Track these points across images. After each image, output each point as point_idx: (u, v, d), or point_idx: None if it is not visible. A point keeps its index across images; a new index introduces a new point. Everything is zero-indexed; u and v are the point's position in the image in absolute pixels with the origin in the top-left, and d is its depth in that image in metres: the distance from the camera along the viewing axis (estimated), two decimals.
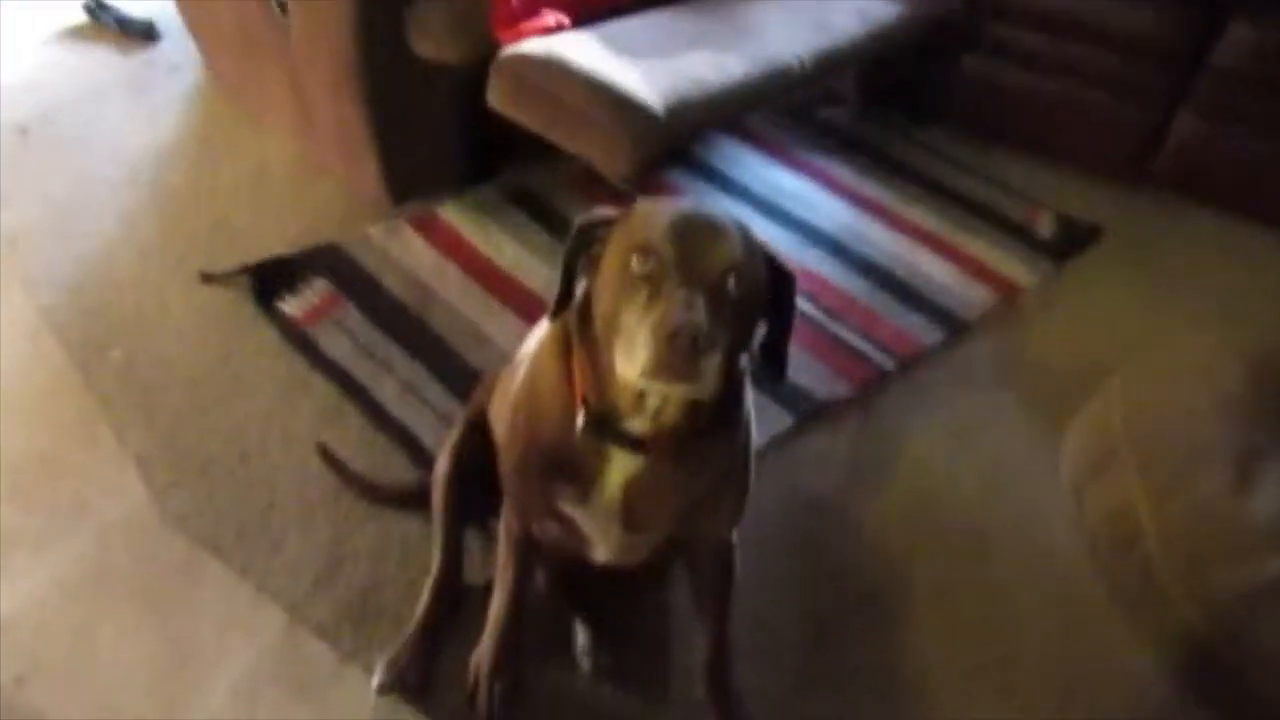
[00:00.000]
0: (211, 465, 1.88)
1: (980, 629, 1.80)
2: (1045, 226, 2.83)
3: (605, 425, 1.21)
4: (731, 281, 1.08)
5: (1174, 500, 1.83)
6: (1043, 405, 2.23)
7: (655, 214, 1.12)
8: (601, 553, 1.40)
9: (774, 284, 1.17)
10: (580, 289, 1.22)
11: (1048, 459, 2.12)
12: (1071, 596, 1.88)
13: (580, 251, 1.19)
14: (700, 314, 1.03)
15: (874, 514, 1.98)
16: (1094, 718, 1.69)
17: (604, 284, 1.14)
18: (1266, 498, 1.80)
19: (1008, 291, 2.57)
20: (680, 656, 1.65)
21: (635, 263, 1.08)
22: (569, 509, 1.32)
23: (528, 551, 1.50)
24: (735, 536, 1.49)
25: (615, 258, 1.12)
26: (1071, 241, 2.77)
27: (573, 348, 1.23)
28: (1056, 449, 2.14)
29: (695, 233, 1.09)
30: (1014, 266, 2.65)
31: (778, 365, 1.23)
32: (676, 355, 1.02)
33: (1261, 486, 1.82)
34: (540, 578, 1.69)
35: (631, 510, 1.29)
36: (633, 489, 1.27)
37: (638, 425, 1.20)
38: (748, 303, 1.11)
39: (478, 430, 1.64)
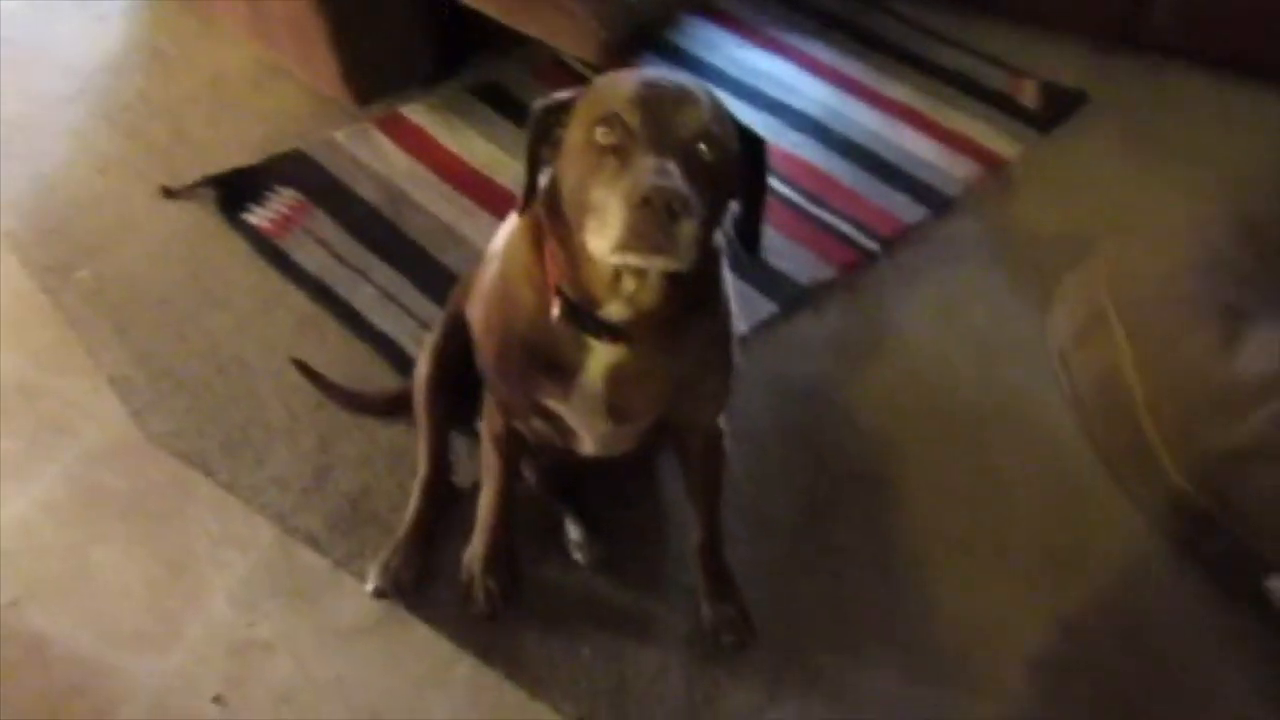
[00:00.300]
0: (189, 382, 1.85)
1: (972, 503, 1.81)
2: (1029, 95, 2.75)
3: (582, 314, 1.18)
4: (703, 146, 1.04)
5: (1161, 363, 1.83)
6: (1031, 278, 2.21)
7: (617, 84, 1.07)
8: (588, 445, 1.39)
9: (745, 154, 1.13)
10: (546, 177, 1.17)
11: (1037, 331, 2.10)
12: (1063, 465, 1.88)
13: (542, 138, 1.14)
14: (673, 178, 0.99)
15: (862, 396, 1.97)
16: (1087, 582, 1.71)
17: (569, 163, 1.09)
18: (1250, 357, 1.80)
19: (992, 164, 2.51)
20: (674, 544, 1.66)
21: (599, 134, 1.04)
22: (552, 403, 1.30)
23: (512, 448, 1.49)
24: (724, 422, 1.48)
25: (578, 134, 1.08)
26: (1057, 109, 2.70)
27: (544, 237, 1.19)
28: (1043, 318, 2.12)
29: (662, 98, 1.05)
30: (998, 138, 2.59)
31: (752, 240, 1.19)
32: (650, 223, 0.98)
33: (1246, 346, 1.82)
34: (529, 473, 1.68)
35: (615, 400, 1.27)
36: (615, 378, 1.25)
37: (615, 311, 1.17)
38: (720, 170, 1.07)
39: (457, 331, 1.61)
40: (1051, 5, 2.94)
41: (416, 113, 2.48)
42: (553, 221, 1.16)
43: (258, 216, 2.18)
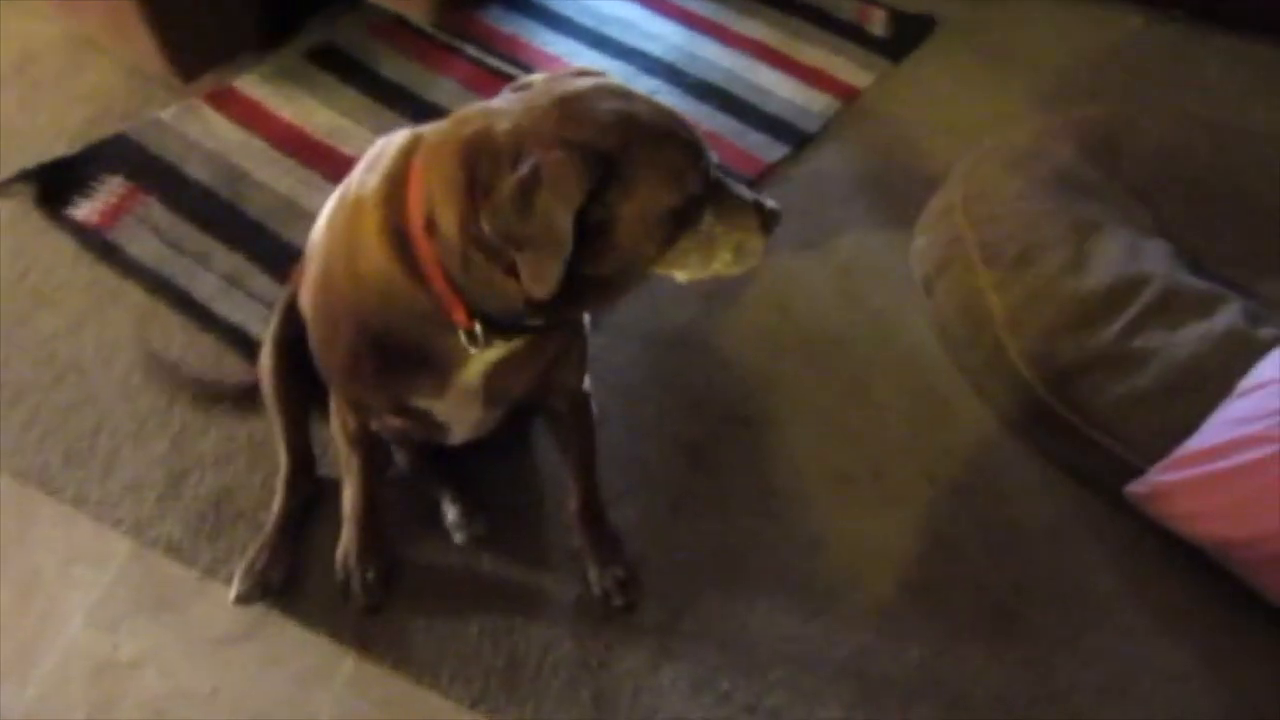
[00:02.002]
0: (24, 393, 1.72)
1: (848, 433, 1.83)
2: (878, 24, 2.76)
3: (501, 325, 1.10)
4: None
5: (1017, 285, 1.86)
6: (894, 207, 2.23)
7: (662, 150, 1.02)
8: (455, 434, 1.34)
9: None
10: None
11: (902, 259, 2.13)
12: (932, 389, 1.92)
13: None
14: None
15: (734, 338, 1.96)
16: (961, 500, 1.75)
17: (634, 238, 1.02)
18: (1099, 269, 1.85)
19: (848, 96, 2.51)
20: (554, 511, 1.63)
21: (669, 198, 1.02)
22: (420, 402, 1.24)
23: (368, 444, 1.43)
24: (588, 383, 1.44)
25: (641, 206, 1.01)
26: (906, 36, 2.72)
27: (410, 245, 1.06)
28: (907, 247, 2.15)
29: (678, 123, 1.06)
30: (852, 70, 2.59)
31: None
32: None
33: (1094, 259, 1.87)
34: (396, 456, 1.62)
35: (492, 389, 1.22)
36: (495, 369, 1.19)
37: (538, 319, 1.10)
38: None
39: (299, 315, 1.52)
40: None
41: (248, 84, 2.33)
42: (475, 258, 1.03)
43: (83, 209, 2.03)
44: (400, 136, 1.11)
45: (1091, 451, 1.72)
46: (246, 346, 1.81)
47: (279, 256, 1.96)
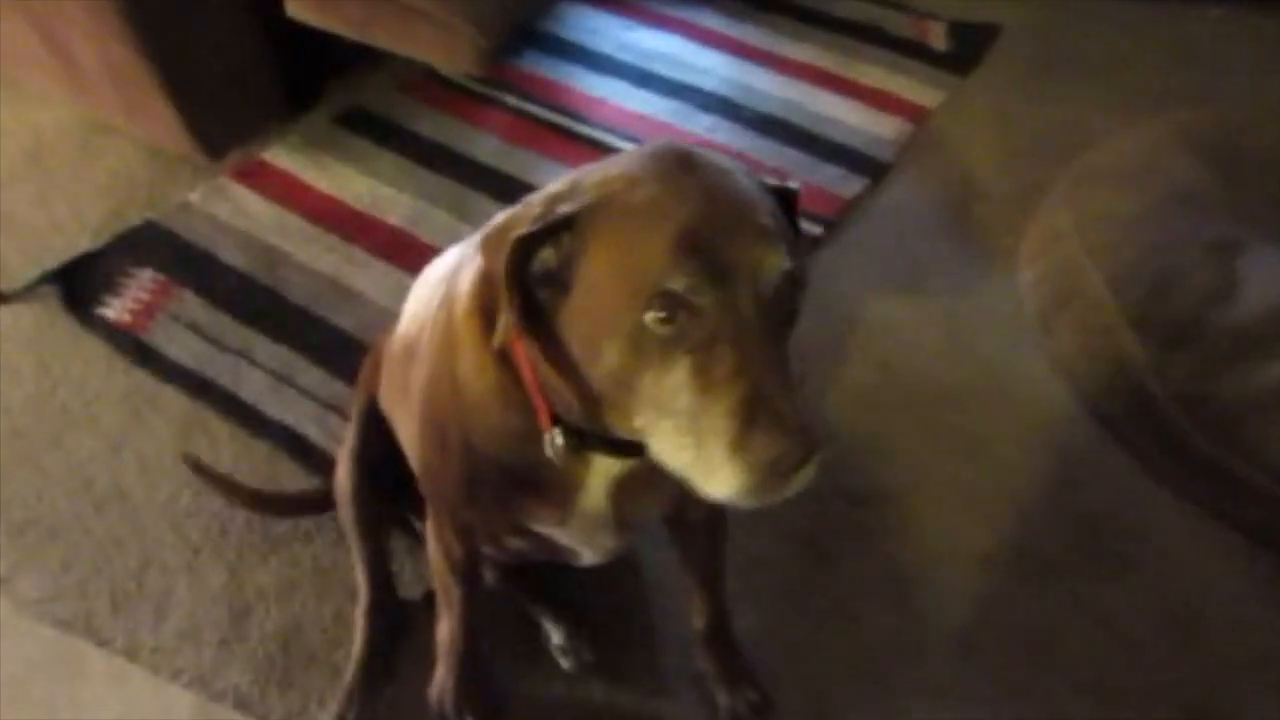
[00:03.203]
0: (61, 527, 1.54)
1: (979, 502, 1.62)
2: (938, 38, 2.58)
3: (590, 438, 0.93)
4: (786, 285, 0.79)
5: (1157, 319, 1.66)
6: (989, 237, 2.03)
7: (651, 221, 0.78)
8: (587, 558, 1.15)
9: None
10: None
11: (1005, 293, 1.93)
12: (1064, 440, 1.71)
13: (525, 267, 0.84)
14: (790, 398, 0.75)
15: (833, 401, 1.76)
16: (1125, 568, 1.54)
17: (596, 328, 0.81)
18: (1253, 294, 1.64)
19: (919, 118, 2.33)
20: (667, 628, 1.43)
21: (652, 321, 0.77)
22: (542, 529, 1.05)
23: (475, 573, 1.23)
24: None
25: (611, 299, 0.79)
26: (970, 48, 2.53)
27: (508, 349, 0.92)
28: (1012, 278, 1.95)
29: (724, 234, 0.77)
30: (918, 88, 2.41)
31: None
32: (781, 473, 0.76)
33: (1245, 282, 1.67)
34: (487, 573, 1.43)
35: (623, 511, 1.03)
36: (622, 488, 1.01)
37: (627, 429, 0.89)
38: (801, 281, 0.82)
39: (375, 420, 1.34)
40: None
41: (278, 155, 2.17)
42: (543, 345, 0.88)
43: (114, 309, 1.86)
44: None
45: (1269, 507, 1.51)
46: (301, 451, 1.64)
47: (328, 345, 1.79)
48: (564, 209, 0.82)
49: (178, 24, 1.87)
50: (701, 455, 0.78)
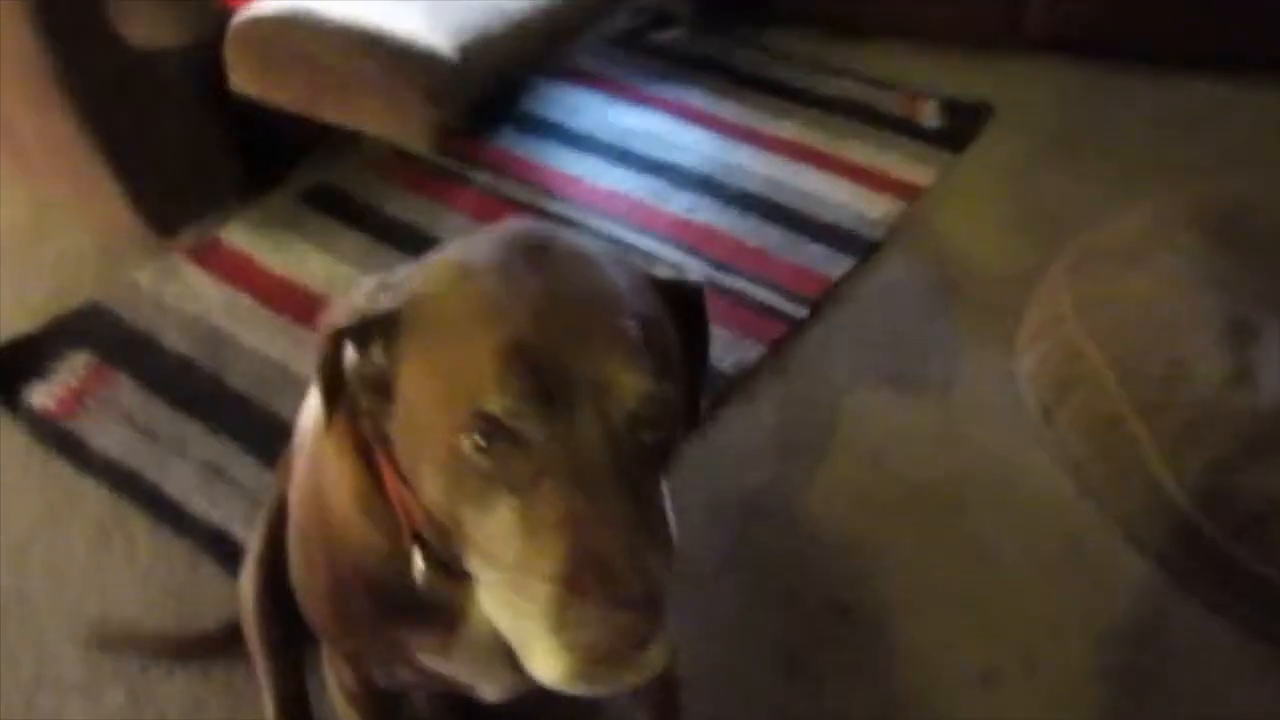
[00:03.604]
0: None
1: (980, 611, 1.45)
2: (930, 115, 2.49)
3: (457, 559, 0.76)
4: (649, 410, 0.65)
5: (1170, 408, 1.51)
6: (985, 321, 1.89)
7: (476, 324, 0.65)
8: (490, 694, 0.98)
9: (673, 314, 0.74)
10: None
11: (1004, 380, 1.78)
12: (1074, 541, 1.54)
13: (338, 368, 0.72)
14: (632, 561, 0.60)
15: (821, 500, 1.61)
16: (1135, 683, 1.36)
17: (415, 449, 0.68)
18: (1273, 379, 1.50)
19: (910, 195, 2.21)
20: None
21: (469, 448, 0.63)
22: (427, 660, 0.89)
23: (375, 704, 1.07)
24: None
25: (427, 416, 0.66)
26: (963, 125, 2.44)
27: (374, 455, 0.78)
28: (1010, 364, 1.80)
29: (564, 363, 0.63)
30: (909, 166, 2.30)
31: (690, 413, 0.80)
32: (609, 659, 0.60)
33: (1263, 367, 1.52)
34: (415, 699, 1.26)
35: None
36: None
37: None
38: (675, 414, 0.67)
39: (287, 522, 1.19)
40: (930, 17, 2.70)
41: (235, 233, 2.06)
42: (391, 456, 0.75)
43: (41, 394, 1.73)
44: None
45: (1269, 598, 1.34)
46: (225, 552, 1.48)
47: (264, 434, 1.65)
48: (385, 303, 0.69)
49: (123, 98, 1.78)
50: (519, 625, 0.63)
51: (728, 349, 1.81)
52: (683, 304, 0.75)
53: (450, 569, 0.76)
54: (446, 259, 0.71)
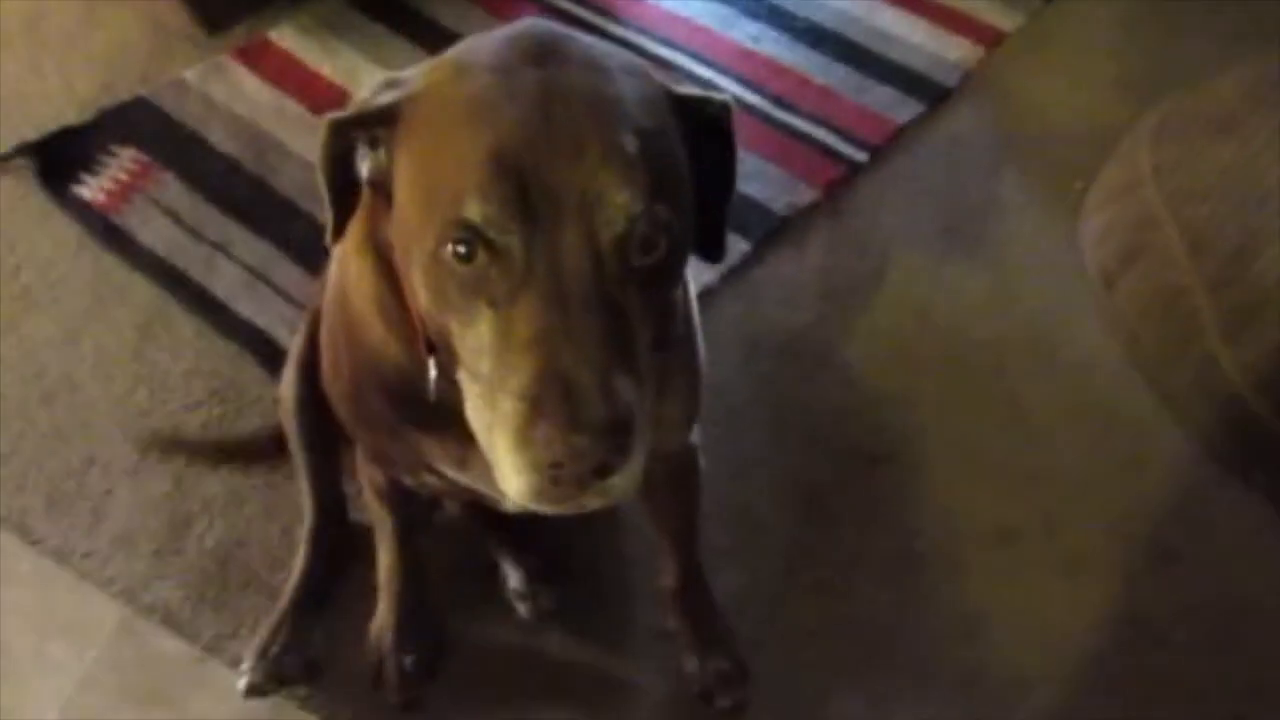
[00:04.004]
0: (5, 415, 1.44)
1: (1007, 473, 1.45)
2: None
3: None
4: (638, 241, 0.62)
5: (1237, 284, 1.45)
6: (1053, 180, 1.81)
7: (465, 123, 0.62)
8: (510, 505, 1.00)
9: (697, 134, 0.71)
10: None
11: (1065, 244, 1.72)
12: (1115, 413, 1.52)
13: (340, 161, 0.71)
14: (599, 383, 0.59)
15: (861, 348, 1.58)
16: (1162, 564, 1.36)
17: (405, 252, 0.67)
18: None
19: (991, 41, 2.08)
20: (640, 579, 1.28)
21: (450, 255, 0.61)
22: (446, 470, 0.91)
23: (402, 502, 1.10)
24: (697, 434, 1.08)
25: (413, 216, 0.65)
26: None
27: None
28: (1075, 227, 1.73)
29: (550, 171, 0.59)
30: (995, 9, 2.15)
31: (713, 249, 0.78)
32: (569, 485, 0.60)
33: None
34: (450, 505, 1.30)
35: None
36: None
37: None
38: (672, 239, 0.64)
39: None
40: None
41: (284, 35, 2.00)
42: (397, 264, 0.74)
43: (89, 188, 1.73)
44: None
45: None
46: (269, 354, 1.50)
47: (312, 244, 1.64)
48: (385, 98, 0.67)
49: None
50: (490, 440, 0.63)
51: (781, 189, 1.75)
52: (707, 124, 0.72)
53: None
54: (452, 55, 0.69)
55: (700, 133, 0.71)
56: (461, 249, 0.61)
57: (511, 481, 0.62)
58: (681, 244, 0.66)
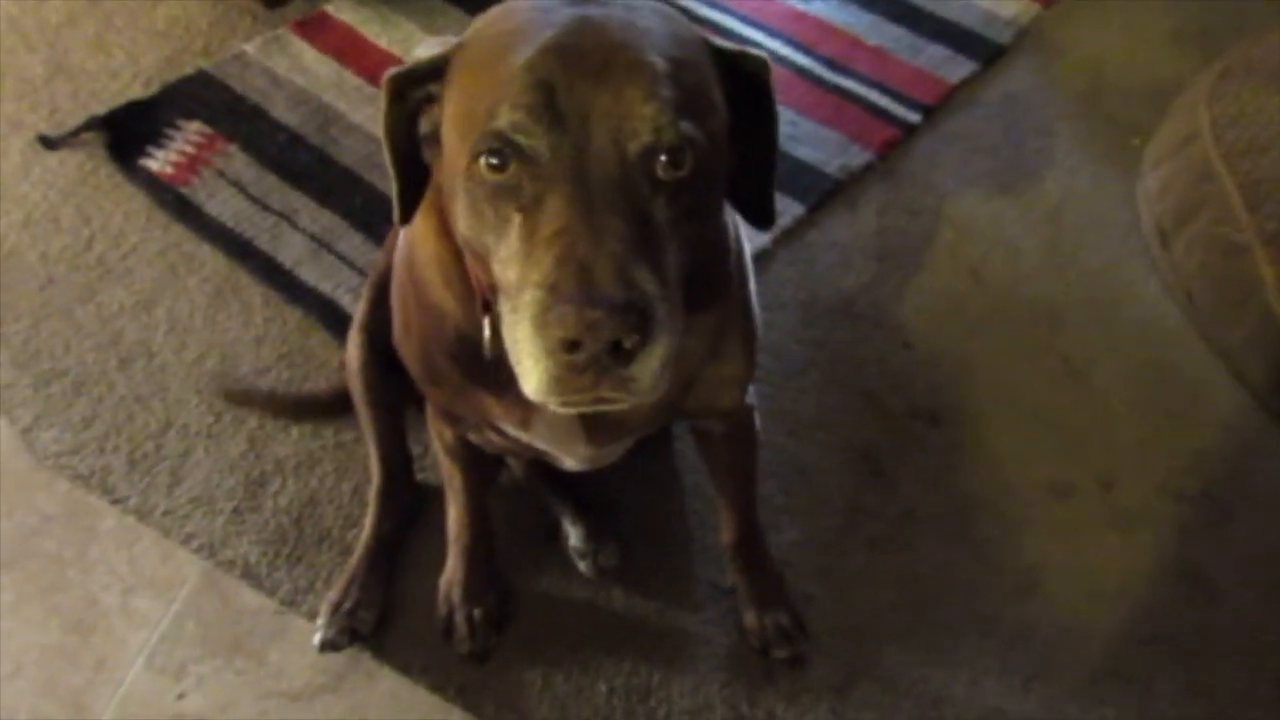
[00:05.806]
0: (86, 381, 1.50)
1: (1063, 431, 1.46)
2: None
3: None
4: (664, 158, 0.65)
5: None
6: (1110, 137, 1.80)
7: (502, 52, 0.66)
8: (569, 464, 1.03)
9: (737, 93, 0.73)
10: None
11: (1122, 202, 1.71)
12: (1171, 371, 1.52)
13: (402, 123, 0.75)
14: (616, 268, 0.60)
15: (916, 308, 1.59)
16: (1217, 519, 1.36)
17: (450, 187, 0.71)
18: None
19: None
20: (701, 537, 1.32)
21: (484, 168, 0.65)
22: (509, 429, 0.94)
23: (471, 458, 1.14)
24: (752, 394, 1.10)
25: (455, 145, 0.69)
26: None
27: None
28: (1132, 184, 1.72)
29: (579, 85, 0.63)
30: None
31: (762, 213, 0.80)
32: (585, 371, 0.62)
33: None
34: (512, 462, 1.34)
35: (590, 421, 0.90)
36: None
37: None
38: (702, 164, 0.67)
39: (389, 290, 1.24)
40: None
41: (342, 9, 2.04)
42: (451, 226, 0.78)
43: (158, 160, 1.78)
44: None
45: None
46: (335, 320, 1.55)
47: (372, 211, 1.69)
48: (437, 50, 0.71)
49: None
50: (515, 343, 0.64)
51: (834, 151, 1.75)
52: (747, 81, 0.74)
53: None
54: (498, 7, 0.72)
55: (743, 94, 0.73)
56: (494, 160, 0.64)
57: (531, 376, 0.63)
58: (711, 166, 0.68)
